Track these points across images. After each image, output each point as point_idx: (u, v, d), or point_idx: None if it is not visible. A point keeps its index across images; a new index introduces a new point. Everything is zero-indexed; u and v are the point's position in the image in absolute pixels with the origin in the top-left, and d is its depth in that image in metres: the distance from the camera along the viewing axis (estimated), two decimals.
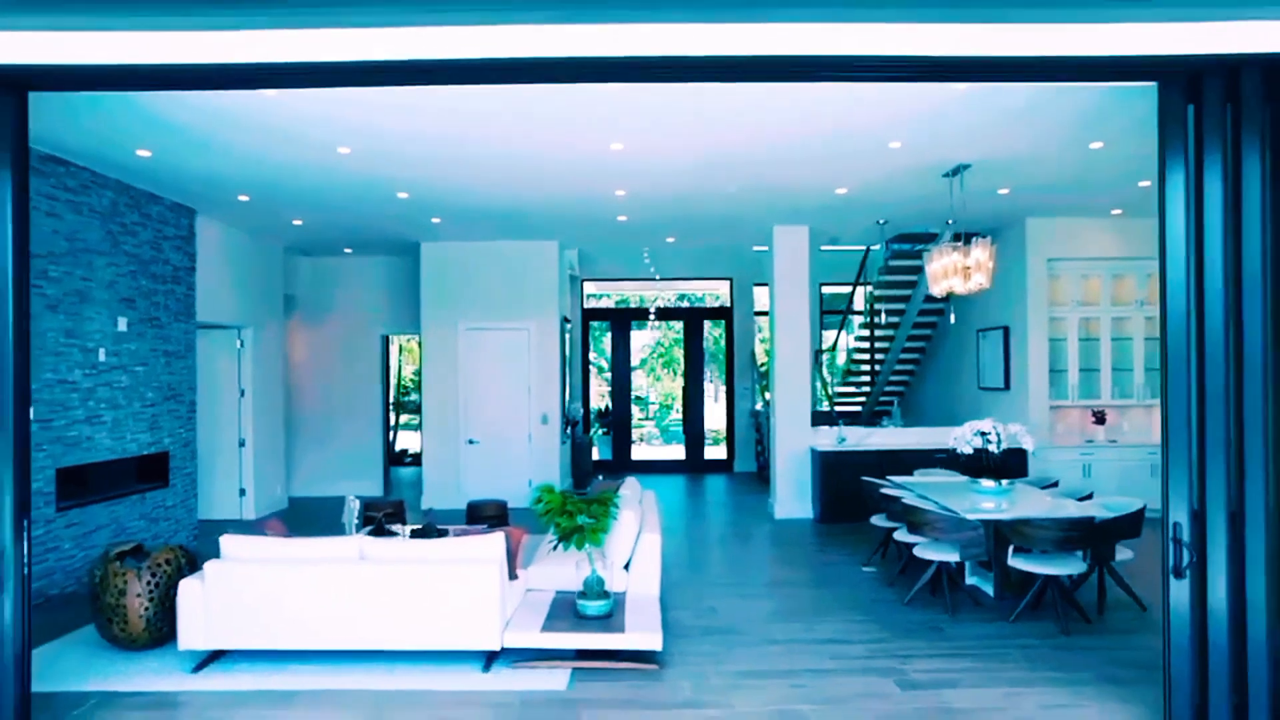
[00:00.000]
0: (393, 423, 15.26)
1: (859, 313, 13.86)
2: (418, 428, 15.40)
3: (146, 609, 5.12)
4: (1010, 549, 5.88)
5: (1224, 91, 3.84)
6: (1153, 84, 3.99)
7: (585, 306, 14.93)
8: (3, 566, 3.80)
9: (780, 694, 4.56)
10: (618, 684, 4.71)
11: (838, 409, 13.31)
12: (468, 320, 10.77)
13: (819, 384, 14.07)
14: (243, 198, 8.15)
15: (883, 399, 13.65)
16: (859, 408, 13.79)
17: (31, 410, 3.94)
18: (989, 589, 6.38)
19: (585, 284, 14.82)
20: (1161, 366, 3.96)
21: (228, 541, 4.98)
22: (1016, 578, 6.08)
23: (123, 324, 7.39)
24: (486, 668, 4.88)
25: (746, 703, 4.46)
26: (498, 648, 4.80)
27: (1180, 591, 3.94)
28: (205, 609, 4.81)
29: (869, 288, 12.88)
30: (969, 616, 6.00)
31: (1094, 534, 5.68)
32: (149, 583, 5.15)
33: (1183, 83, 3.90)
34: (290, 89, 5.15)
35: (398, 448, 15.98)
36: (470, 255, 10.69)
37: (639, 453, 16.03)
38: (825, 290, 14.84)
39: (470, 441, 10.82)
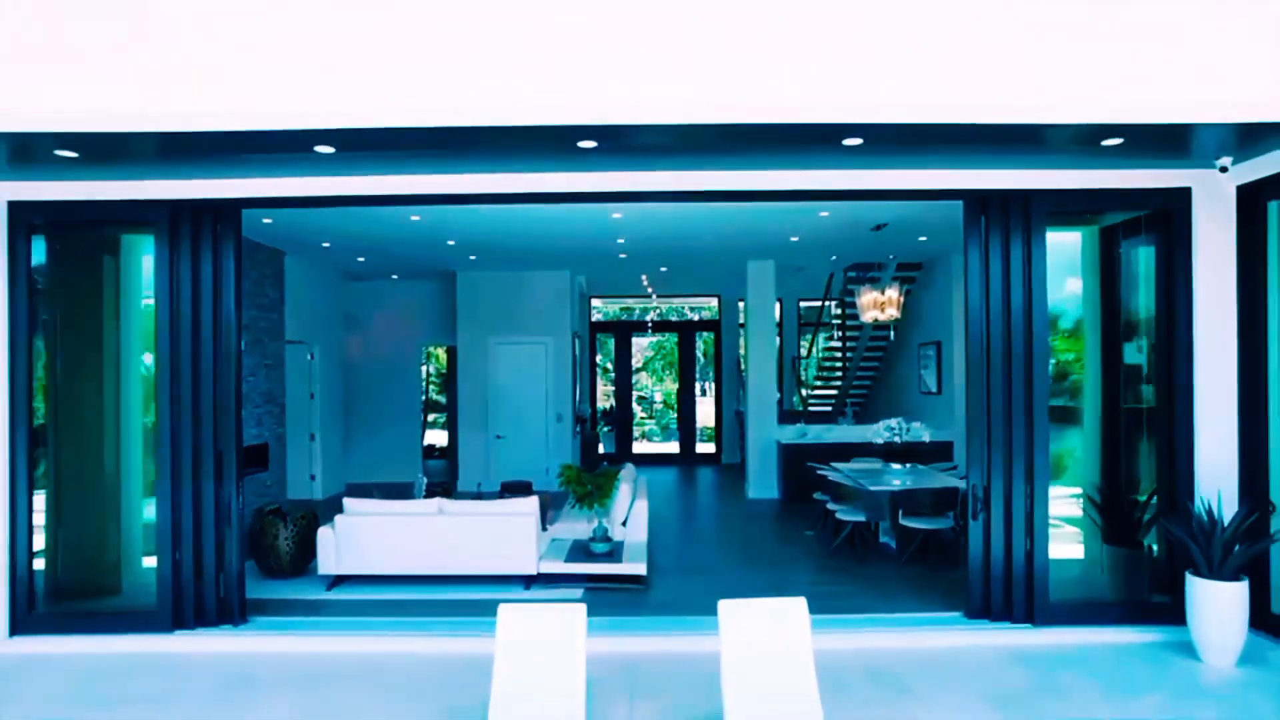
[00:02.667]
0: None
1: (825, 324, 16.06)
2: (441, 425, 17.66)
3: (289, 548, 7.38)
4: (900, 512, 8.10)
5: (998, 205, 6.08)
6: (959, 201, 6.22)
7: (592, 320, 17.17)
8: (232, 513, 6.08)
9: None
10: (616, 596, 6.94)
11: (812, 408, 15.54)
12: (495, 336, 13.02)
13: (795, 386, 16.30)
14: (325, 244, 10.41)
15: (850, 399, 15.85)
16: (830, 407, 15.99)
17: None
18: (893, 544, 8.59)
19: (592, 300, 17.04)
20: (967, 391, 6.18)
21: (350, 502, 7.23)
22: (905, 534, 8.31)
23: (243, 344, 9.61)
24: (526, 588, 7.12)
25: (701, 605, 6.68)
26: (534, 573, 7.04)
27: (976, 529, 6.17)
28: (336, 547, 7.07)
29: (834, 304, 15.08)
30: (875, 562, 8.21)
31: (953, 500, 7.88)
32: (291, 531, 7.41)
33: (975, 201, 6.14)
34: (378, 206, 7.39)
35: (425, 443, 18.22)
36: (498, 283, 12.93)
37: (639, 447, 18.26)
38: (806, 304, 17.03)
39: (498, 436, 13.07)
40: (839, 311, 14.74)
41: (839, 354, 15.32)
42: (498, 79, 4.45)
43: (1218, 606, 5.40)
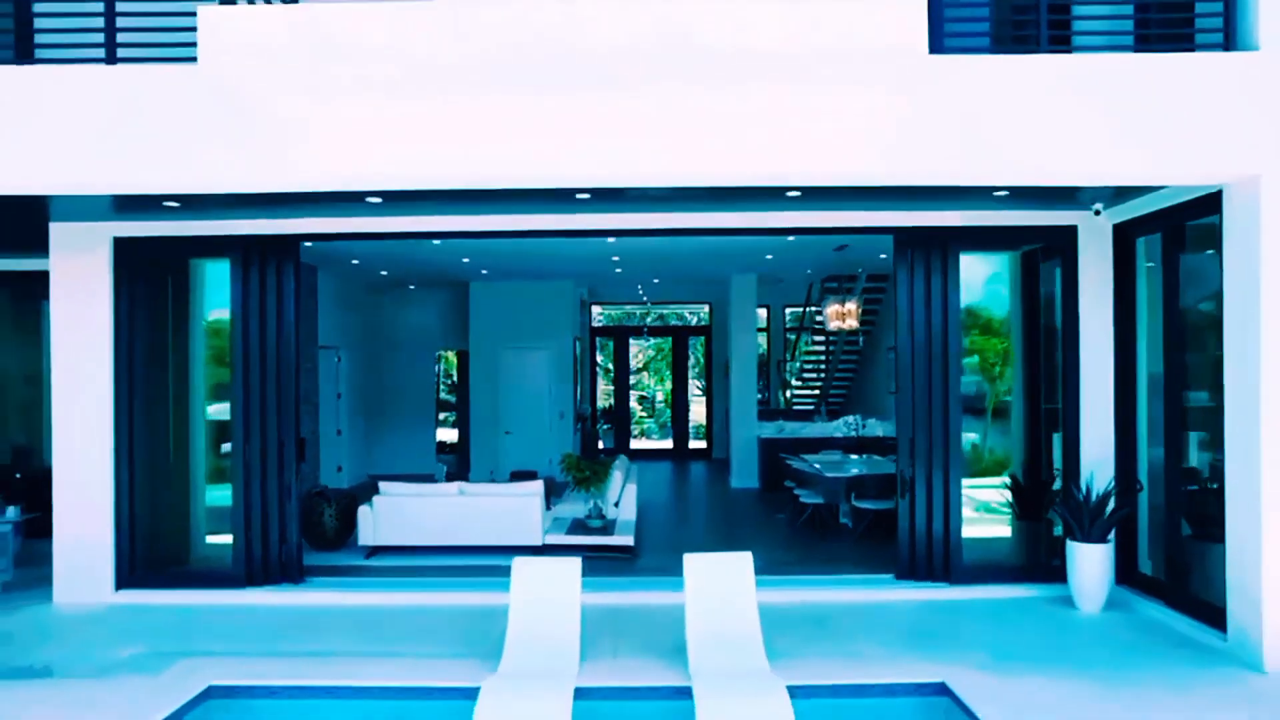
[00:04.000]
0: None
1: (808, 329, 17.39)
2: (451, 424, 18.99)
3: (333, 524, 8.74)
4: (853, 495, 9.43)
5: (921, 240, 7.40)
6: (890, 236, 7.55)
7: (593, 325, 18.53)
8: (292, 493, 7.44)
9: None
10: (608, 564, 8.29)
11: (796, 407, 16.90)
12: (504, 341, 14.39)
13: (780, 386, 17.64)
14: (354, 261, 11.78)
15: (830, 398, 17.20)
16: (812, 405, 17.33)
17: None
18: (849, 523, 9.94)
19: (593, 306, 18.40)
20: (897, 393, 7.52)
21: (385, 485, 8.59)
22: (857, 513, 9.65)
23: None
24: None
25: (679, 571, 8.01)
26: (539, 544, 8.39)
27: (904, 506, 7.51)
28: (374, 523, 8.43)
29: (815, 310, 16.43)
30: (833, 538, 9.55)
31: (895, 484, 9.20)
32: (334, 510, 8.77)
33: (903, 235, 7.46)
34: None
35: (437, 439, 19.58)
36: (506, 293, 14.30)
37: (636, 444, 19.61)
38: (792, 310, 18.37)
39: (506, 432, 14.44)
40: (821, 318, 16.07)
41: (821, 356, 16.67)
42: (513, 148, 5.76)
43: (1087, 564, 6.74)
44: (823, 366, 16.66)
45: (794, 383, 17.44)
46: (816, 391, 17.18)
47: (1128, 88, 5.52)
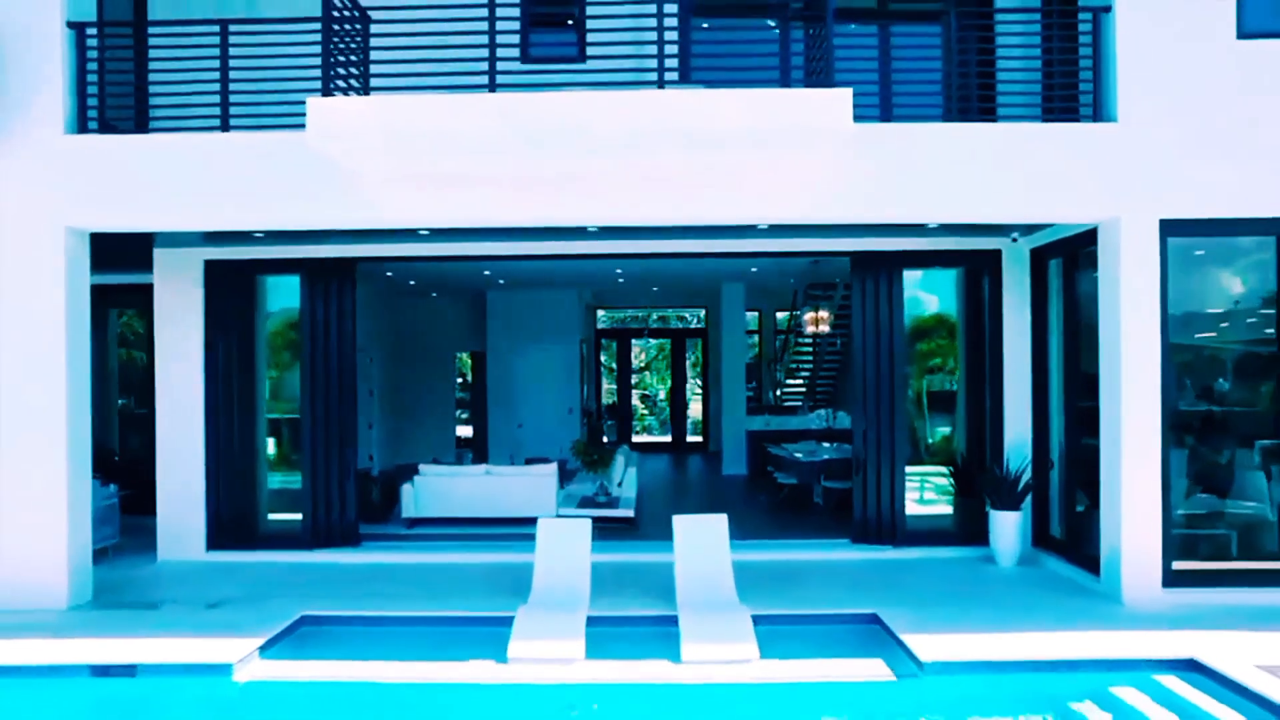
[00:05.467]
0: None
1: (794, 330, 18.92)
2: (465, 420, 20.52)
3: (378, 500, 10.30)
4: (822, 476, 10.98)
5: (873, 261, 8.94)
6: (847, 258, 9.09)
7: (598, 327, 20.08)
8: (350, 471, 9.00)
9: None
10: (613, 532, 9.83)
11: (786, 402, 18.42)
12: (518, 343, 15.95)
13: (771, 384, 19.17)
14: (389, 274, 13.34)
15: (817, 393, 18.70)
16: (800, 400, 18.85)
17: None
18: (821, 501, 11.49)
19: (598, 310, 19.96)
20: (854, 388, 9.05)
21: (425, 468, 10.16)
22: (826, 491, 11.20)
23: None
24: None
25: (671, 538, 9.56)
26: (554, 516, 9.94)
27: (858, 482, 9.06)
28: (414, 498, 9.99)
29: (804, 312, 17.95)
30: (807, 514, 11.08)
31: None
32: (378, 488, 10.33)
33: (859, 259, 9.00)
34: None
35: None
36: (520, 301, 15.85)
37: (637, 438, 21.17)
38: (782, 314, 19.88)
39: (519, 425, 16.01)
40: (801, 323, 17.59)
41: (808, 356, 18.17)
42: (540, 197, 7.28)
43: (1003, 528, 8.28)
44: (809, 365, 18.16)
45: (785, 381, 18.94)
46: (804, 388, 18.68)
47: (1028, 148, 7.08)
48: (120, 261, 8.92)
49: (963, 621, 6.55)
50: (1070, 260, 8.18)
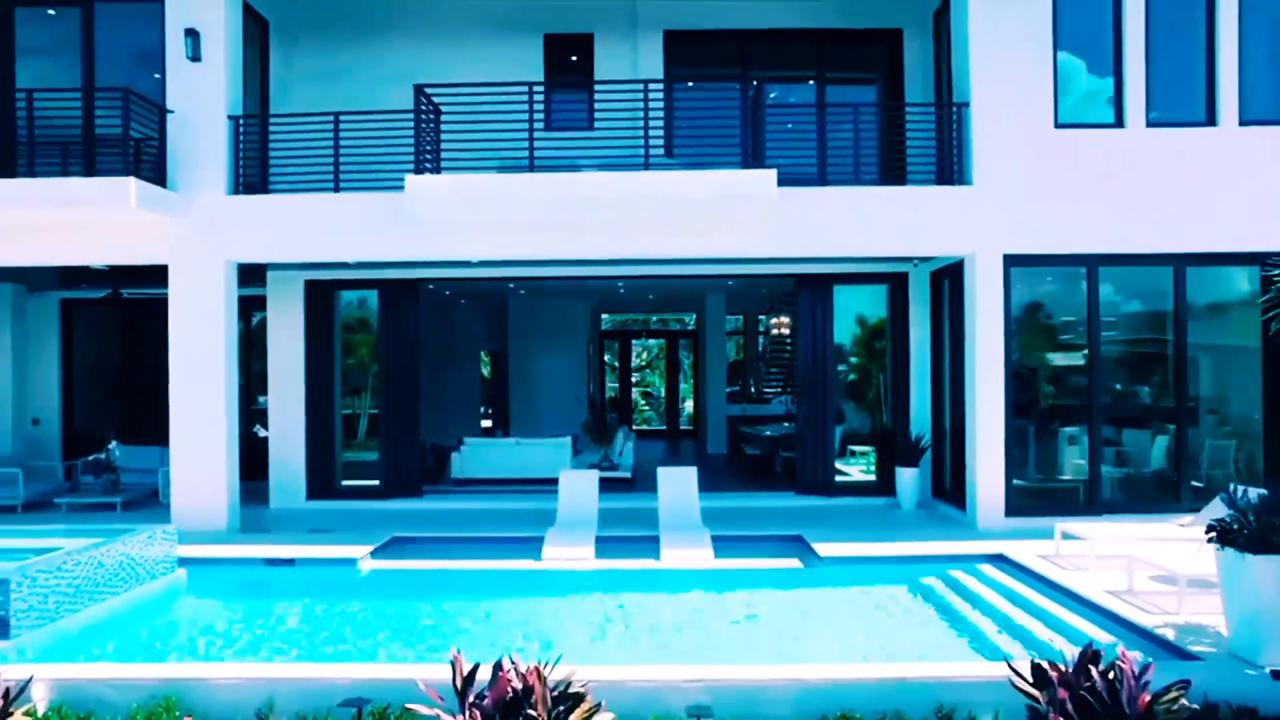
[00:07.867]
0: None
1: (765, 333, 21.78)
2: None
3: (431, 464, 13.16)
4: (779, 450, 13.82)
5: (811, 282, 11.80)
6: (793, 280, 11.96)
7: (602, 329, 22.93)
8: (416, 441, 11.89)
9: None
10: (616, 488, 12.66)
11: (766, 394, 21.25)
12: (535, 345, 18.80)
13: (753, 377, 21.99)
14: (430, 285, 16.19)
15: (786, 384, 21.51)
16: (777, 390, 21.66)
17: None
18: (780, 469, 14.32)
19: (601, 314, 22.80)
20: (798, 382, 11.91)
21: (469, 439, 13.02)
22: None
23: None
24: None
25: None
26: None
27: (801, 450, 11.91)
28: (461, 463, 12.86)
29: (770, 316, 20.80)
30: (768, 478, 13.90)
31: None
32: (430, 454, 13.19)
33: (801, 280, 11.87)
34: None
35: None
36: (538, 308, 18.70)
37: (637, 427, 24.01)
38: (764, 317, 22.69)
39: (536, 413, 18.85)
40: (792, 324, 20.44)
41: (786, 353, 21.00)
42: (559, 239, 10.13)
43: (905, 480, 11.13)
44: (785, 360, 21.02)
45: (765, 374, 21.80)
46: (780, 380, 21.51)
47: (911, 204, 9.92)
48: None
49: (858, 538, 9.39)
50: (955, 281, 11.01)
